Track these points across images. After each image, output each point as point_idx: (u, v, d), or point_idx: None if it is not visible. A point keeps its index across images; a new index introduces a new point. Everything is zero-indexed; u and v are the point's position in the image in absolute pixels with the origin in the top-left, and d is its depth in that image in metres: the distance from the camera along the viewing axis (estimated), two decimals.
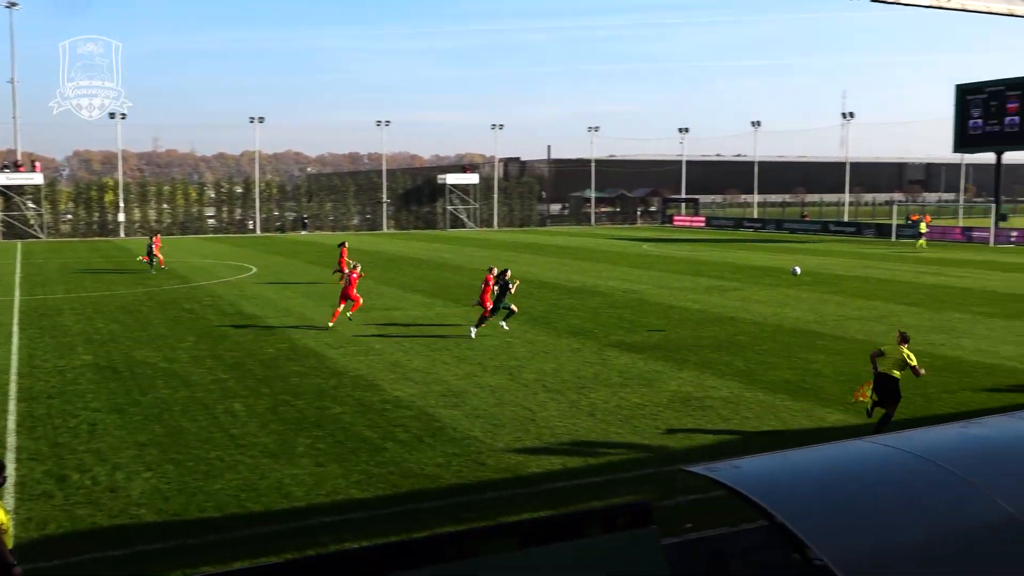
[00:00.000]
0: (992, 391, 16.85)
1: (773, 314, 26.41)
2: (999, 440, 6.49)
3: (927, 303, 28.83)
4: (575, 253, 51.53)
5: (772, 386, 17.21)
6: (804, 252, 51.83)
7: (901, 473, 5.85)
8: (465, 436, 13.98)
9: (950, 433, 6.90)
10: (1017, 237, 59.24)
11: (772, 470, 6.16)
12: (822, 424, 14.62)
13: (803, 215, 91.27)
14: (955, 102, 66.57)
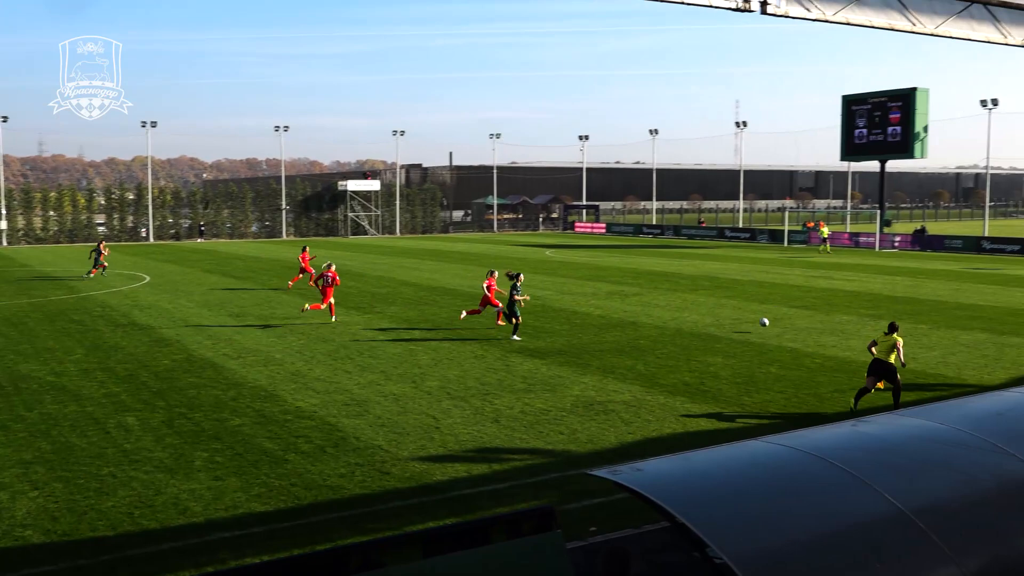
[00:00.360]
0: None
1: (673, 318, 26.96)
2: (886, 437, 6.78)
3: (818, 306, 29.88)
4: (478, 260, 51.60)
5: (672, 389, 17.57)
6: (702, 257, 53.10)
7: (795, 471, 6.05)
8: (369, 445, 13.84)
9: (841, 431, 7.17)
10: (900, 242, 61.98)
11: (673, 472, 6.29)
12: (720, 425, 14.98)
13: (700, 221, 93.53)
14: (841, 112, 69.36)
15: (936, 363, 20.16)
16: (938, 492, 5.93)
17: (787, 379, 18.45)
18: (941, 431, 6.69)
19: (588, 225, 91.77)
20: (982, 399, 8.11)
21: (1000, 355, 21.04)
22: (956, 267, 46.05)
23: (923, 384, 18.10)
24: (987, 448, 6.37)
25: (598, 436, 14.33)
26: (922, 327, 25.25)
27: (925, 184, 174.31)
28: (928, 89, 65.17)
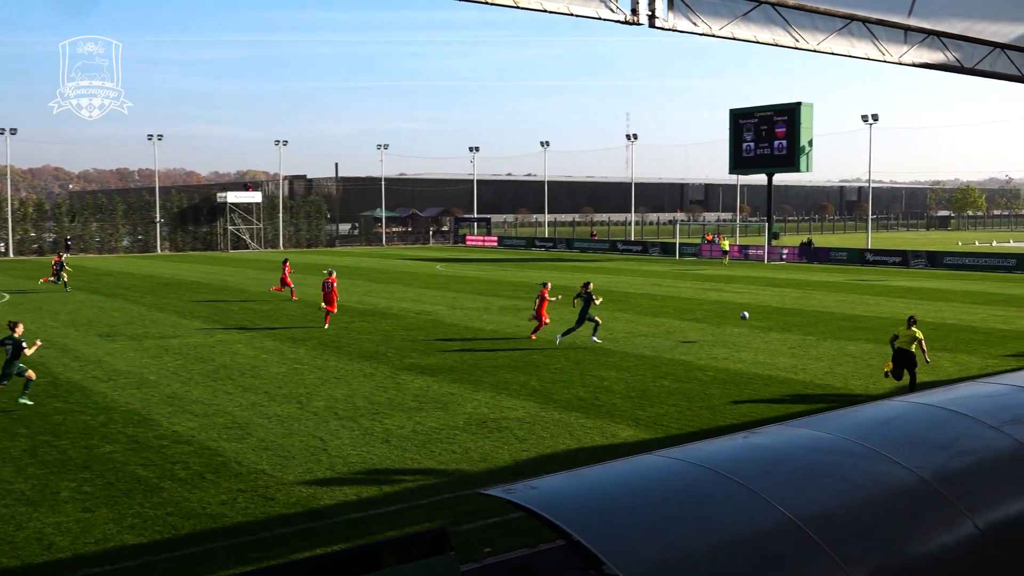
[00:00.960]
0: (770, 401, 18.16)
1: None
2: (776, 448, 7.01)
3: (709, 319, 30.72)
4: (366, 274, 51.13)
5: (566, 404, 17.75)
6: (594, 271, 53.92)
7: (688, 485, 6.20)
8: (251, 470, 13.51)
9: (733, 443, 7.37)
10: (788, 255, 64.35)
11: (567, 489, 6.35)
12: (614, 440, 15.22)
13: (592, 234, 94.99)
14: (730, 126, 71.76)
15: (824, 373, 20.97)
16: (826, 501, 6.16)
17: (680, 392, 18.88)
18: (829, 441, 6.96)
19: (480, 238, 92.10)
20: (868, 408, 8.47)
21: (884, 365, 22.03)
22: (842, 279, 48.06)
23: (811, 395, 18.79)
24: (873, 456, 6.65)
25: (492, 454, 14.35)
26: (810, 338, 26.24)
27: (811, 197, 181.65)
28: (812, 104, 68.06)
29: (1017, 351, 24.04)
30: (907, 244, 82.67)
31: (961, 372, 20.89)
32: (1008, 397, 8.26)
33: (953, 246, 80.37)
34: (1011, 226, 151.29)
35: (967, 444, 7.15)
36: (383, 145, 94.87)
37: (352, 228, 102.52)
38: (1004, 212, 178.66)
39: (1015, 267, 52.38)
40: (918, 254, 58.28)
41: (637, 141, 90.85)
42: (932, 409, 7.79)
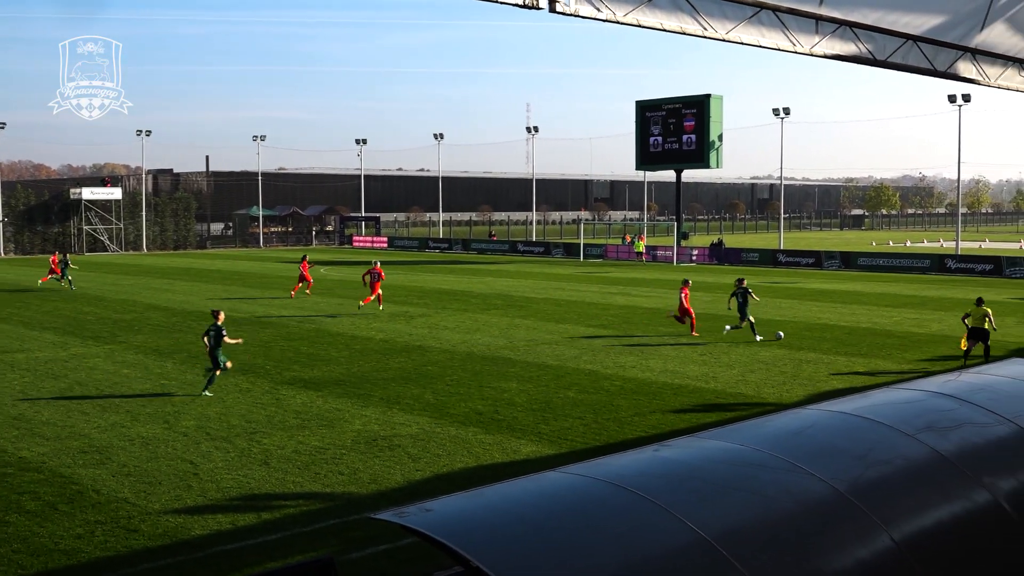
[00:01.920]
0: (680, 411, 18.55)
1: (463, 341, 27.31)
2: (686, 461, 7.17)
3: (616, 324, 31.19)
4: (242, 279, 50.18)
5: (464, 419, 17.78)
6: (493, 274, 54.14)
7: (595, 502, 6.28)
8: (112, 499, 13.11)
9: (641, 457, 7.51)
10: (698, 255, 65.85)
11: (465, 510, 6.36)
12: (516, 457, 15.31)
13: (491, 234, 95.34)
14: (636, 119, 72.94)
15: (736, 381, 21.53)
16: (738, 516, 6.33)
17: (585, 403, 19.11)
18: (741, 452, 7.15)
19: (368, 239, 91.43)
20: (780, 417, 8.73)
21: (797, 372, 22.75)
22: (753, 281, 49.37)
23: (723, 404, 19.26)
24: (786, 468, 6.87)
25: (382, 475, 14.27)
26: (721, 345, 26.89)
27: (721, 195, 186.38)
28: (722, 96, 69.68)
29: (932, 355, 25.13)
30: (820, 244, 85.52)
31: (875, 378, 21.72)
32: (922, 404, 8.63)
33: (867, 246, 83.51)
34: (925, 225, 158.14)
35: (882, 453, 7.44)
36: (259, 136, 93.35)
37: (225, 228, 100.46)
38: (918, 211, 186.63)
39: (929, 268, 54.74)
40: (832, 255, 60.34)
41: (538, 134, 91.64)
42: (846, 417, 8.08)
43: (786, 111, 72.04)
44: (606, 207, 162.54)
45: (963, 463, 7.42)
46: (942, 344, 27.06)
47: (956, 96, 63.30)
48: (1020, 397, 8.89)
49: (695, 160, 69.83)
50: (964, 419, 8.21)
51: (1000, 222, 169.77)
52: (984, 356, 22.85)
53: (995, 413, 8.31)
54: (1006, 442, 8.04)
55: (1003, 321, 32.08)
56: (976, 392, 8.88)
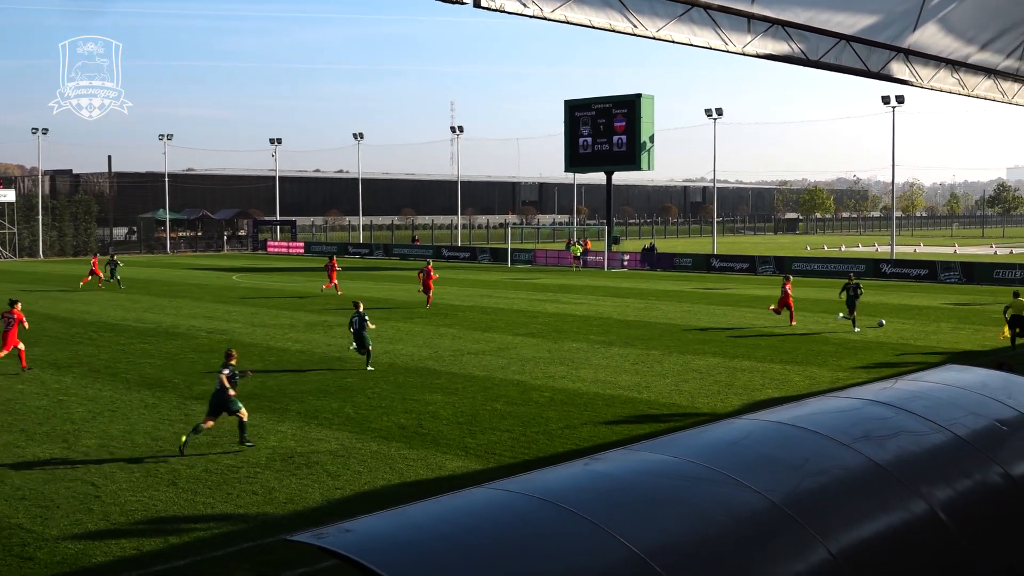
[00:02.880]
0: (612, 423, 18.68)
1: (385, 351, 27.16)
2: (619, 476, 7.22)
3: (546, 333, 31.32)
4: (147, 287, 49.28)
5: (386, 433, 17.68)
6: (417, 281, 53.93)
7: (525, 520, 6.29)
8: (4, 525, 12.76)
9: (572, 472, 7.54)
10: (629, 261, 66.45)
11: (388, 530, 6.32)
12: (441, 473, 15.27)
13: (414, 239, 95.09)
14: (565, 119, 73.47)
15: (669, 391, 21.76)
16: (673, 531, 6.40)
17: (514, 416, 19.15)
18: (675, 465, 7.23)
19: (283, 244, 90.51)
20: (715, 428, 8.85)
21: (732, 380, 23.09)
22: (687, 287, 50.03)
23: (656, 414, 19.45)
24: (721, 480, 6.96)
25: (300, 494, 14.11)
26: (654, 353, 27.17)
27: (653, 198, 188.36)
28: (653, 96, 70.57)
29: (868, 362, 25.70)
30: (754, 249, 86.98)
31: (811, 386, 22.14)
32: (858, 412, 8.82)
33: (801, 251, 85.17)
34: (860, 229, 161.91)
35: (818, 464, 7.58)
36: (166, 135, 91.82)
37: (129, 232, 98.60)
38: (853, 214, 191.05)
39: (864, 273, 55.99)
40: (766, 260, 61.42)
41: (464, 134, 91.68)
42: (782, 427, 8.22)
43: (719, 112, 73.06)
44: (535, 210, 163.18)
45: (900, 473, 7.60)
46: (878, 351, 27.70)
47: (890, 97, 64.94)
48: (955, 405, 9.13)
49: (626, 162, 70.54)
50: (901, 428, 8.41)
51: (934, 226, 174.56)
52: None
53: (931, 421, 8.52)
54: (942, 451, 8.26)
55: (938, 327, 32.98)
56: (912, 400, 9.11)
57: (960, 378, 10.38)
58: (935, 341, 29.74)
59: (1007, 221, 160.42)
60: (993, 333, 31.12)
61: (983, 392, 9.64)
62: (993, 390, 9.76)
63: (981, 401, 9.35)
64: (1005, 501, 8.12)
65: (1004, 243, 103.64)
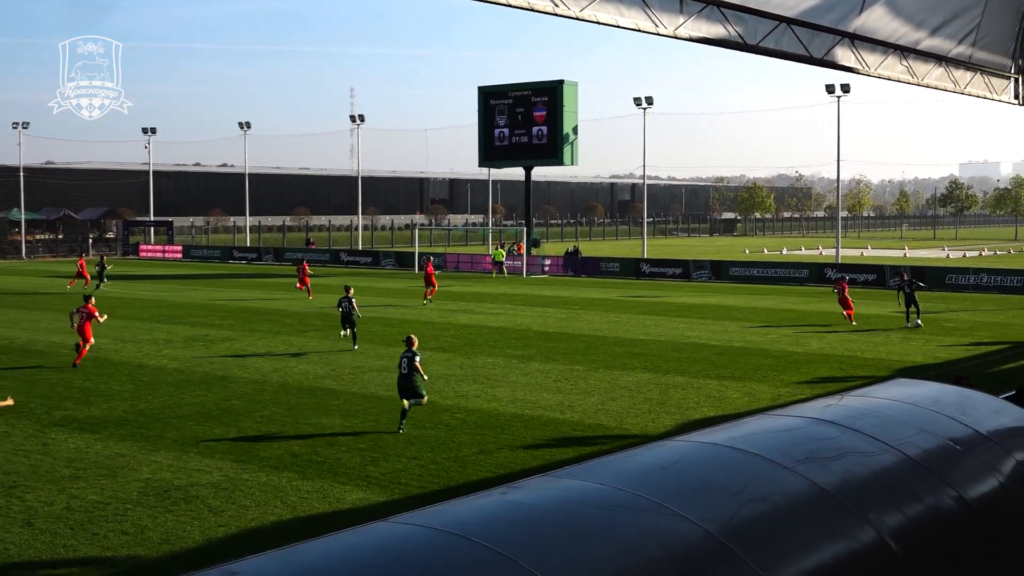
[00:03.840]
0: (532, 447, 18.74)
1: (275, 369, 26.90)
2: (540, 505, 7.23)
3: (458, 347, 31.31)
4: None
5: (277, 463, 17.50)
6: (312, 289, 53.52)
7: (431, 556, 6.26)
8: None
9: (488, 503, 7.53)
10: (551, 266, 66.76)
11: (279, 571, 6.24)
12: (340, 506, 15.15)
13: (309, 242, 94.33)
14: (479, 108, 73.46)
15: (595, 411, 21.91)
16: (598, 566, 6.42)
17: (422, 441, 19.09)
18: (600, 492, 7.26)
19: (158, 248, 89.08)
20: (645, 451, 8.92)
21: (664, 398, 23.35)
22: (614, 295, 50.47)
23: (580, 437, 19.57)
24: (652, 509, 7.02)
25: (177, 533, 13.89)
26: (578, 368, 27.35)
27: (577, 196, 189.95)
28: (576, 83, 70.99)
29: (811, 377, 26.22)
30: (688, 252, 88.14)
31: (750, 403, 22.49)
32: (801, 432, 8.97)
33: (740, 254, 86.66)
34: (803, 230, 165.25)
35: (758, 489, 7.69)
36: (21, 123, 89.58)
37: None
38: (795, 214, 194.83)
39: (808, 278, 57.16)
40: (701, 264, 62.31)
41: (364, 124, 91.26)
42: (719, 449, 8.32)
43: (649, 101, 73.98)
44: (445, 210, 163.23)
45: (846, 498, 7.74)
46: (823, 364, 28.28)
47: (835, 86, 66.30)
48: (905, 423, 9.35)
49: (547, 156, 70.86)
50: (847, 448, 8.57)
51: (883, 227, 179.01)
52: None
53: (880, 441, 8.71)
54: (891, 473, 8.44)
55: (888, 337, 33.79)
56: (859, 418, 9.29)
57: (911, 393, 10.63)
58: (884, 353, 30.47)
59: (960, 221, 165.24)
60: (947, 343, 32.01)
61: (935, 408, 9.88)
62: (946, 406, 10.01)
63: (933, 418, 9.58)
64: (959, 526, 8.33)
65: (957, 245, 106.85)
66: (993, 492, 8.88)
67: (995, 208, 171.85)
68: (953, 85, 26.71)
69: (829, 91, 66.86)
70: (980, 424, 9.63)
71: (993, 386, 19.03)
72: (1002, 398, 11.83)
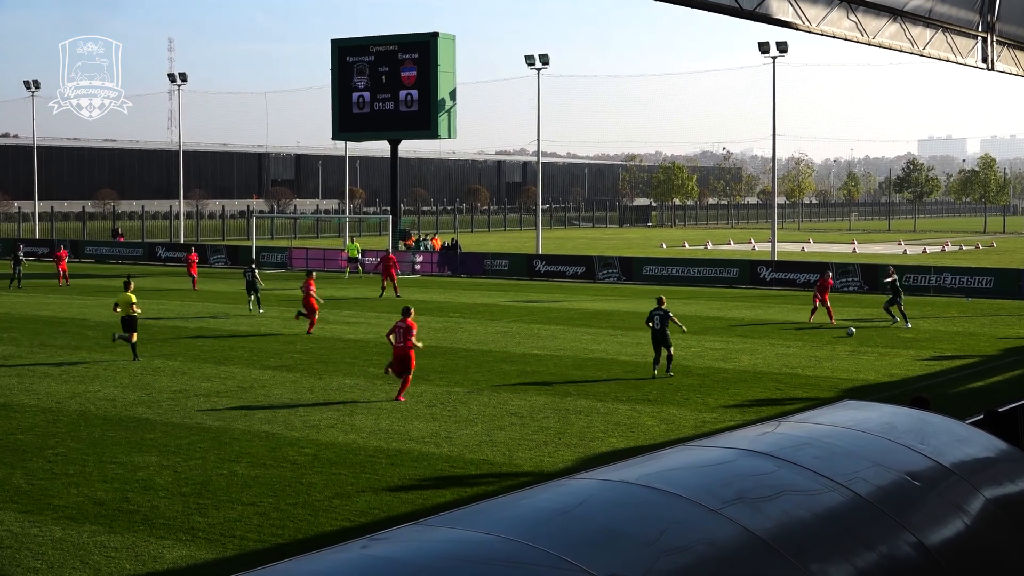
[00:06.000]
0: (400, 489, 18.69)
1: (74, 395, 26.41)
2: (409, 562, 7.22)
3: (307, 365, 31.07)
4: None
5: (76, 513, 17.19)
6: (117, 292, 52.55)
7: None
8: None
9: (344, 559, 7.50)
10: (423, 264, 66.49)
11: None
12: (156, 566, 14.97)
13: (117, 233, 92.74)
14: (332, 66, 72.88)
15: (479, 443, 21.95)
16: None
17: (262, 483, 18.92)
18: (487, 544, 7.28)
19: None
20: (541, 492, 8.95)
21: (564, 426, 23.48)
22: (502, 299, 50.57)
23: (461, 475, 19.59)
24: (549, 563, 7.05)
25: None
26: (457, 391, 27.36)
27: (456, 177, 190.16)
28: (454, 37, 70.84)
29: (742, 399, 26.62)
30: (593, 247, 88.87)
31: (669, 432, 22.77)
32: (730, 467, 9.10)
33: (656, 249, 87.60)
34: (731, 220, 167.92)
35: (678, 537, 7.78)
36: None
37: None
38: (722, 200, 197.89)
39: (738, 279, 57.97)
40: (608, 261, 62.81)
41: (187, 85, 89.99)
42: (630, 489, 8.39)
43: (544, 60, 74.14)
44: (291, 193, 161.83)
45: (784, 546, 7.87)
46: (755, 383, 28.75)
47: (769, 45, 67.42)
48: (854, 454, 9.53)
49: (418, 126, 70.65)
50: (785, 486, 8.71)
51: (828, 216, 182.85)
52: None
53: (824, 476, 8.86)
54: (838, 515, 8.59)
55: (833, 350, 34.49)
56: (800, 449, 9.44)
57: (861, 419, 10.85)
58: (829, 370, 31.07)
59: (919, 210, 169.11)
60: (903, 358, 32.80)
61: (890, 436, 10.08)
62: (902, 434, 10.23)
63: (888, 448, 9.79)
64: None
65: (915, 239, 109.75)
66: (958, 536, 9.09)
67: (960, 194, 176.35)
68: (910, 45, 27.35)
69: (763, 51, 67.94)
70: (942, 455, 9.86)
71: (958, 408, 19.60)
72: (968, 423, 12.15)
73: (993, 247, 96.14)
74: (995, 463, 10.40)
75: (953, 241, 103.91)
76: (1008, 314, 44.83)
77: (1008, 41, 30.68)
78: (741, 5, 21.52)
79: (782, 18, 23.18)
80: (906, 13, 26.35)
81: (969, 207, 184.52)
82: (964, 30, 28.91)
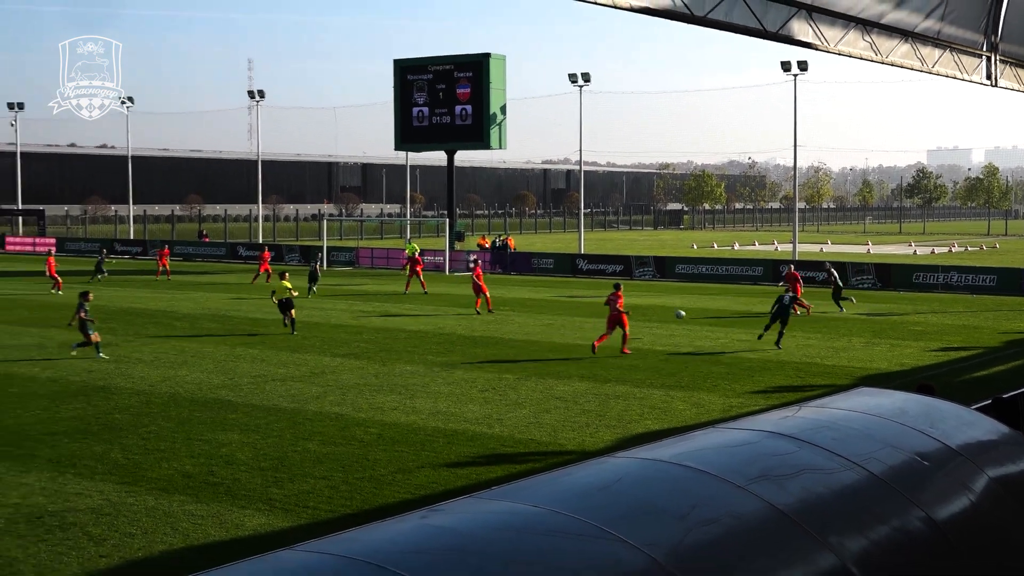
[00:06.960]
0: (456, 465, 18.74)
1: (165, 379, 26.62)
2: (466, 531, 7.24)
3: (372, 354, 31.19)
4: None
5: (167, 484, 17.33)
6: (206, 287, 53.01)
7: None
8: None
9: (406, 528, 7.52)
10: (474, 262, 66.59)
11: None
12: (239, 532, 15.05)
13: (202, 234, 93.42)
14: (395, 84, 73.21)
15: (527, 424, 21.98)
16: None
17: (332, 459, 19.02)
18: (534, 516, 7.29)
19: (28, 240, 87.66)
20: (583, 469, 8.96)
21: (604, 410, 23.48)
22: (548, 295, 50.62)
23: (511, 453, 19.62)
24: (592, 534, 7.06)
25: (52, 565, 13.73)
26: (508, 377, 27.40)
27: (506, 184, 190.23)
28: (504, 57, 71.06)
29: (765, 386, 26.52)
30: (630, 247, 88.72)
31: (699, 415, 22.71)
32: (755, 447, 9.07)
33: (687, 250, 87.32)
34: (756, 223, 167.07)
35: (708, 511, 7.77)
36: None
37: None
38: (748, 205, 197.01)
39: (762, 276, 57.78)
40: (644, 260, 62.74)
41: (265, 101, 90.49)
42: (664, 467, 8.39)
43: (586, 78, 74.10)
44: (357, 198, 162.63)
45: (805, 520, 7.85)
46: (778, 372, 28.62)
47: (791, 64, 67.10)
48: (869, 436, 9.49)
49: (472, 138, 70.85)
50: (805, 465, 8.68)
51: (844, 219, 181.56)
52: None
53: (841, 456, 8.83)
54: (854, 492, 8.56)
55: (849, 342, 34.30)
56: (819, 431, 9.41)
57: (874, 404, 10.80)
58: (845, 359, 30.92)
59: (928, 214, 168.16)
60: (913, 349, 32.59)
61: (901, 421, 10.03)
62: (912, 418, 10.18)
63: (899, 431, 9.74)
64: (927, 550, 8.48)
65: (925, 240, 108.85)
66: (964, 512, 9.04)
67: (966, 199, 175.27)
68: (920, 63, 27.17)
69: (785, 69, 67.68)
70: (950, 438, 9.81)
71: (964, 395, 19.43)
72: (974, 408, 12.06)
73: (996, 248, 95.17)
74: (999, 445, 10.32)
75: (959, 243, 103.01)
76: (1010, 309, 44.49)
77: (1010, 60, 30.44)
78: (766, 27, 21.42)
79: (803, 39, 23.07)
80: (916, 34, 26.15)
81: (974, 212, 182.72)
82: (970, 50, 28.71)
